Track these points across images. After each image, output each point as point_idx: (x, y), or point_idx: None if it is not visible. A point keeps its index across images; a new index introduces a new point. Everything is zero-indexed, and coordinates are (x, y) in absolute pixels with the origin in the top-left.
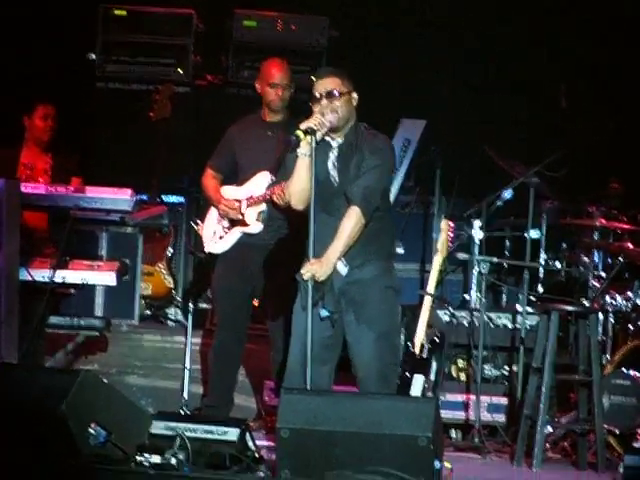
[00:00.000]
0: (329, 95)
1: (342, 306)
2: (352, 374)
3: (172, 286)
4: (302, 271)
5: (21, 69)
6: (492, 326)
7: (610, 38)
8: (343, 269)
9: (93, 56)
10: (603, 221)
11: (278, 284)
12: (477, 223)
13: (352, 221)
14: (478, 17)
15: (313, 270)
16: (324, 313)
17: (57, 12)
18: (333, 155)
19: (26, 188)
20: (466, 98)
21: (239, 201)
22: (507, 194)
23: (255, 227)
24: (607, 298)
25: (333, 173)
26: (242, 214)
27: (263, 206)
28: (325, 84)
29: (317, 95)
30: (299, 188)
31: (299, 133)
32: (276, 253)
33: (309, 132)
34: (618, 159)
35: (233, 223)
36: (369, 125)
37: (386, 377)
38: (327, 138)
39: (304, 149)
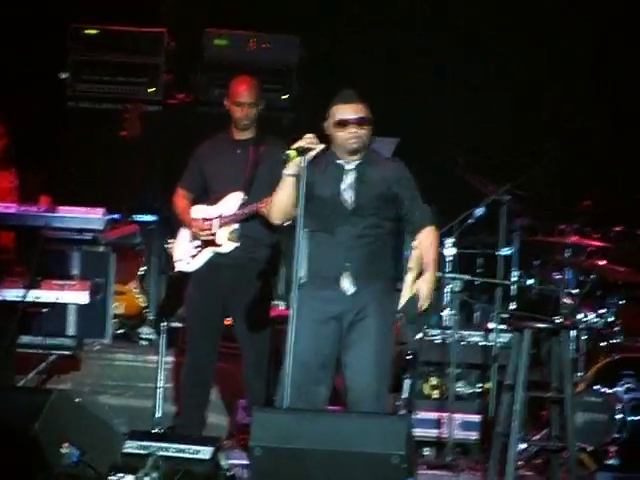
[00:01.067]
0: (362, 121)
1: (344, 327)
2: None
3: (144, 305)
4: (420, 294)
5: None
6: (464, 343)
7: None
8: (350, 288)
9: (64, 75)
10: (575, 238)
11: (250, 302)
12: (449, 241)
13: (436, 237)
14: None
15: (428, 294)
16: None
17: (28, 31)
18: (350, 176)
19: None
20: (439, 114)
21: (210, 220)
22: (479, 211)
23: (227, 246)
24: (579, 315)
25: (347, 194)
26: (213, 234)
27: (235, 225)
28: (357, 109)
29: (345, 119)
30: (280, 205)
31: (290, 152)
32: (248, 272)
33: (300, 152)
34: (590, 176)
35: (205, 243)
36: None
37: (381, 398)
38: (339, 161)
39: (291, 169)
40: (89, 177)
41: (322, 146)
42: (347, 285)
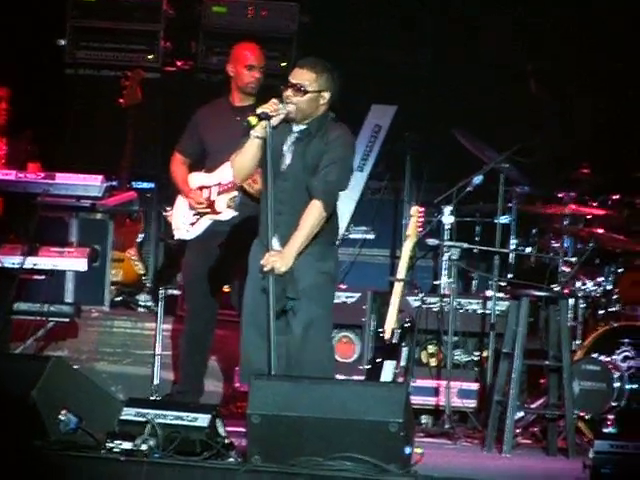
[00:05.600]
0: (297, 88)
1: None
2: None
3: (142, 272)
4: (262, 262)
5: None
6: (462, 312)
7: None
8: (278, 247)
9: (63, 42)
10: (573, 207)
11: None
12: (447, 209)
13: (314, 214)
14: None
15: (272, 262)
16: (289, 306)
17: None
18: (290, 139)
19: None
20: (437, 83)
21: (208, 188)
22: (477, 180)
23: (226, 214)
24: (577, 283)
25: (287, 155)
26: (212, 201)
27: (234, 193)
28: (298, 75)
29: (288, 82)
30: (242, 165)
31: (251, 119)
32: (245, 240)
33: (263, 117)
34: (589, 144)
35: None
36: (337, 115)
37: (324, 361)
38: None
39: (258, 132)
40: (87, 144)
41: (286, 111)
42: (276, 245)
